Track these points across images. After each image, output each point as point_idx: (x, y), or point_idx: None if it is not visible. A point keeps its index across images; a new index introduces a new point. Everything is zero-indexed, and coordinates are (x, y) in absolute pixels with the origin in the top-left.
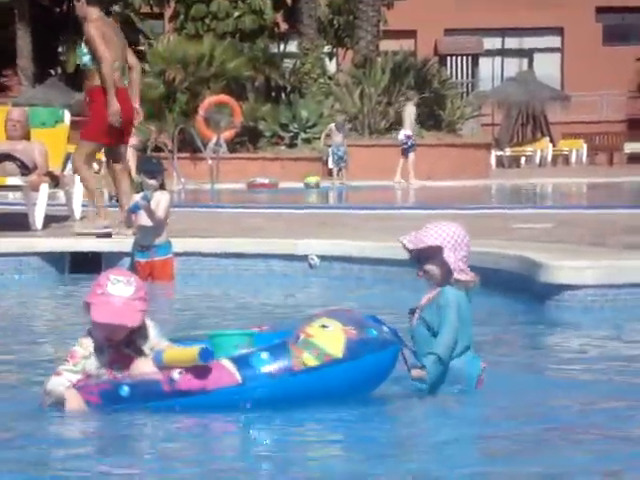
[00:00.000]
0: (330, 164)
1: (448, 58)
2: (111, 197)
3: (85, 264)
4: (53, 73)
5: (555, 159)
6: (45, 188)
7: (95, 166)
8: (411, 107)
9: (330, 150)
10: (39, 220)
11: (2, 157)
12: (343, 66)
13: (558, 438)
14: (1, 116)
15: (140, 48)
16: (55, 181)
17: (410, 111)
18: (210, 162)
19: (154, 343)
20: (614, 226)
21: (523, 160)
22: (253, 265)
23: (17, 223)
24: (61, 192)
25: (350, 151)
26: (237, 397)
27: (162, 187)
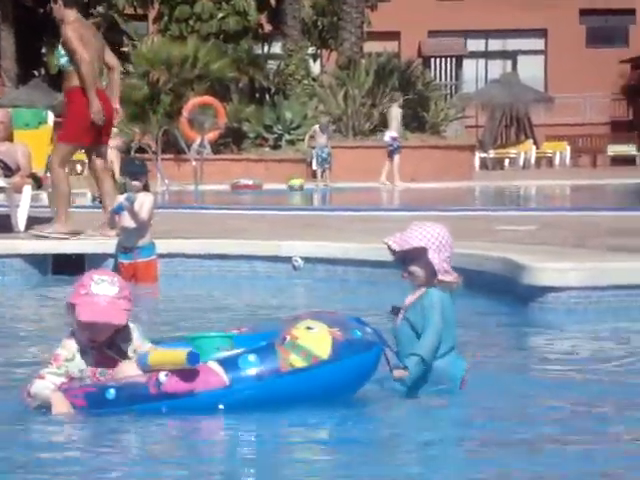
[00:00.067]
0: (314, 166)
1: (432, 60)
2: (94, 198)
3: (68, 266)
4: (36, 74)
5: (539, 161)
6: (28, 190)
7: (78, 167)
8: (396, 109)
9: (314, 152)
10: (22, 222)
11: None
12: (327, 67)
13: (542, 439)
14: None
15: (124, 49)
16: (38, 183)
17: (396, 113)
18: (194, 163)
19: (137, 345)
20: (597, 228)
21: (507, 162)
22: (237, 266)
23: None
24: (44, 194)
25: (334, 153)
26: (224, 399)
27: (146, 188)
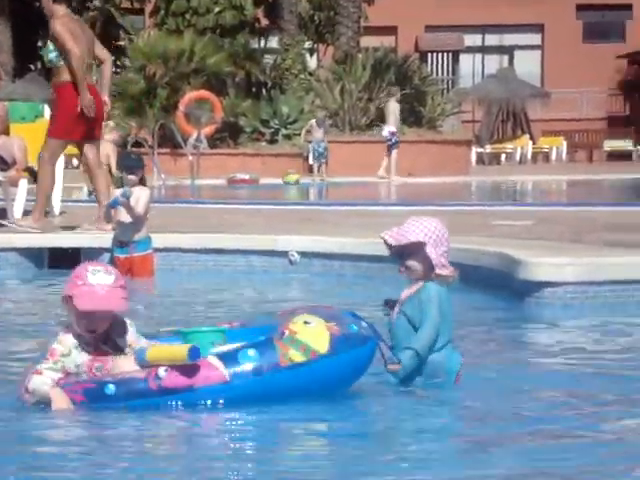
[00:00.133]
0: (311, 160)
1: (429, 55)
2: (90, 192)
3: (64, 260)
4: (33, 68)
5: (535, 156)
6: (24, 183)
7: (75, 161)
8: (394, 103)
9: (310, 146)
10: (18, 215)
11: None
12: (324, 62)
13: (537, 433)
14: None
15: (120, 43)
16: (34, 176)
17: (394, 107)
18: (190, 158)
19: (131, 341)
20: (594, 223)
21: (503, 157)
22: (233, 261)
23: None
24: None
25: (331, 147)
26: (224, 394)
27: (142, 182)
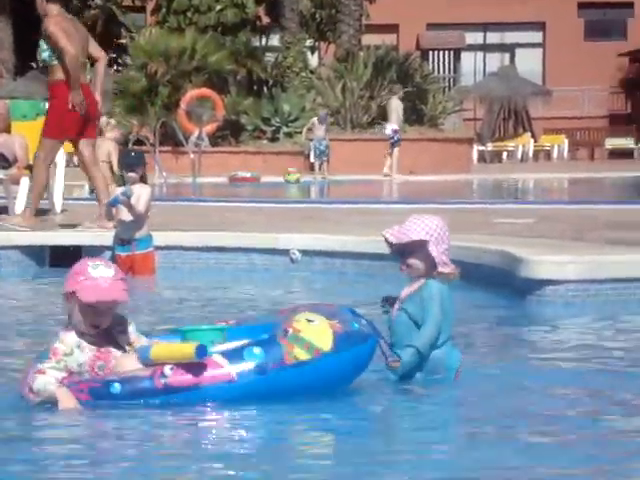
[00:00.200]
0: (312, 158)
1: (430, 53)
2: (91, 190)
3: (65, 258)
4: (34, 66)
5: (537, 154)
6: (25, 181)
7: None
8: (397, 101)
9: (312, 144)
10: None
11: None
12: (325, 60)
13: (537, 431)
14: None
15: (122, 41)
16: None
17: (397, 105)
18: (192, 156)
19: (132, 339)
20: (596, 221)
21: (505, 155)
22: (234, 259)
23: None
24: None
25: (332, 145)
26: (230, 392)
27: (143, 180)
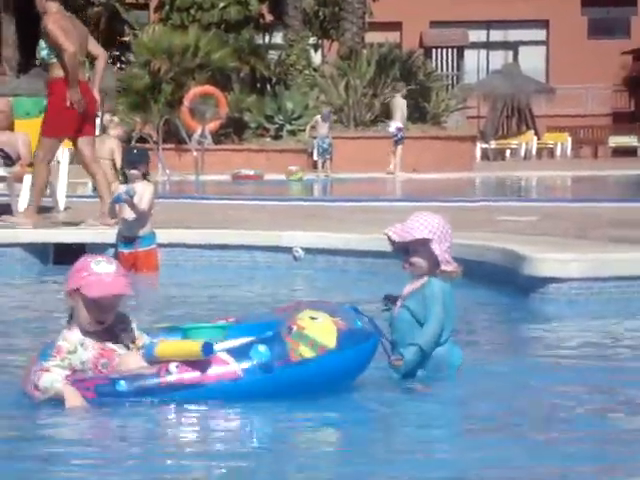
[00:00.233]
0: (315, 156)
1: (433, 50)
2: (95, 188)
3: (69, 255)
4: (38, 63)
5: (540, 152)
6: (29, 179)
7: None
8: (400, 99)
9: (315, 142)
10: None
11: None
12: (328, 58)
13: (540, 428)
14: None
15: (125, 39)
16: None
17: (401, 103)
18: (195, 153)
19: (135, 337)
20: (599, 219)
21: (508, 153)
22: (237, 257)
23: (0, 214)
24: None
25: (335, 143)
26: (235, 390)
27: (145, 177)
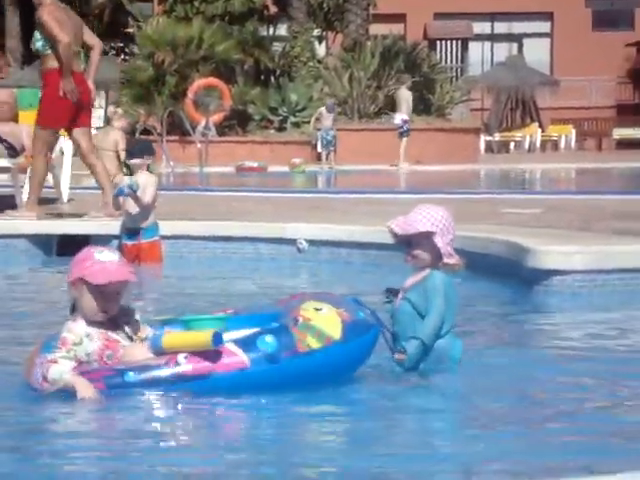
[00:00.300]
0: (319, 148)
1: (437, 42)
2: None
3: (72, 246)
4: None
5: (544, 144)
6: None
7: None
8: (406, 91)
9: (319, 134)
10: None
11: None
12: (332, 50)
13: (542, 420)
14: None
15: (129, 30)
16: None
17: (406, 95)
18: (199, 145)
19: (139, 328)
20: (603, 212)
21: (512, 145)
22: (241, 248)
23: (4, 205)
24: (49, 174)
25: (339, 135)
26: (243, 381)
27: (148, 169)
